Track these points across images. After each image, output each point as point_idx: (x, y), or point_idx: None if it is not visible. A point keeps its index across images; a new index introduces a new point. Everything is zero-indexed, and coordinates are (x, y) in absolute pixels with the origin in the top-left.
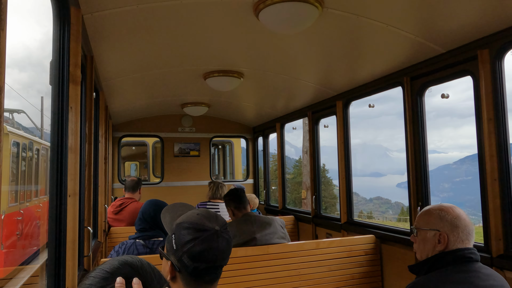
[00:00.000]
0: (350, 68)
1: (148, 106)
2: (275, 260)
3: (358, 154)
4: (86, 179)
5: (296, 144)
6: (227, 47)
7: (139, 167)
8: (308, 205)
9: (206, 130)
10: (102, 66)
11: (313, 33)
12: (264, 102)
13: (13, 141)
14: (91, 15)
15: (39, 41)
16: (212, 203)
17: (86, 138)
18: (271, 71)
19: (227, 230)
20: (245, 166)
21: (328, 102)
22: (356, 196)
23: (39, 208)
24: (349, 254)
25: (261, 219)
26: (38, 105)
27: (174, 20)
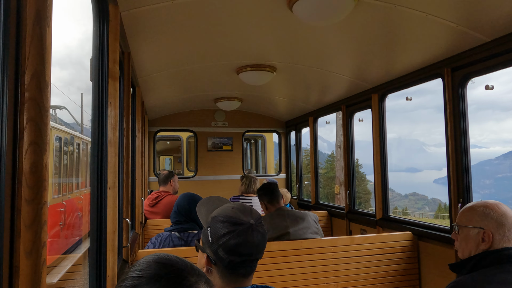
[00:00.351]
0: (386, 60)
1: (182, 101)
2: (309, 255)
3: (393, 149)
4: (124, 172)
5: (329, 138)
6: (260, 41)
7: (174, 161)
8: (342, 200)
9: (238, 124)
10: (138, 62)
11: (348, 25)
12: (297, 96)
13: (56, 136)
14: (128, 12)
15: (78, 40)
16: (245, 197)
17: (124, 132)
18: (304, 65)
19: (262, 224)
20: (277, 161)
21: (363, 96)
22: (391, 192)
23: (80, 200)
24: (384, 251)
25: (294, 213)
26: (78, 101)
27: (208, 15)
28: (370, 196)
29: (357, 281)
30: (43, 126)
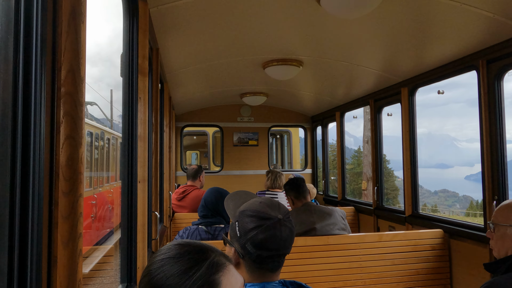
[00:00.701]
0: (416, 52)
1: (208, 96)
2: (336, 251)
3: (422, 144)
4: (153, 166)
5: (355, 133)
6: (286, 35)
7: (200, 156)
8: (369, 196)
9: (264, 119)
10: (166, 58)
11: (376, 16)
12: (324, 90)
13: (87, 131)
14: (157, 8)
15: (108, 37)
16: (271, 192)
17: (153, 127)
18: (332, 58)
19: (289, 219)
20: (303, 156)
21: (392, 89)
22: (420, 188)
23: (110, 193)
24: (414, 248)
25: (321, 209)
26: (108, 97)
27: (235, 9)
28: (398, 193)
29: (385, 278)
30: (78, 120)
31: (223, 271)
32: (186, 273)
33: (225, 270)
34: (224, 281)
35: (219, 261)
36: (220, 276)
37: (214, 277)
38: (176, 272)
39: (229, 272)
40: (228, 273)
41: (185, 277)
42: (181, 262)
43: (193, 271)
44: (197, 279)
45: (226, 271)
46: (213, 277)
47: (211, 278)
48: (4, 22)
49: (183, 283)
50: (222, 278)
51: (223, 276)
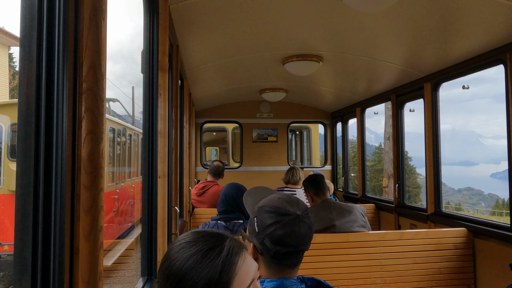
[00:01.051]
0: (440, 46)
1: (228, 92)
2: (355, 249)
3: (445, 141)
4: (173, 162)
5: (376, 130)
6: (306, 31)
7: (219, 152)
8: (390, 194)
9: (283, 115)
10: (186, 54)
11: (399, 9)
12: (344, 86)
13: (109, 127)
14: (177, 5)
15: (129, 35)
16: (289, 189)
17: (173, 123)
18: (352, 53)
19: (308, 215)
20: (322, 152)
21: (414, 85)
22: (443, 186)
23: (132, 188)
24: (436, 247)
25: (341, 206)
26: (130, 94)
27: (254, 5)
28: (420, 190)
29: (406, 277)
30: (99, 115)
31: (240, 254)
32: (205, 256)
33: (242, 253)
34: (241, 263)
35: (236, 245)
36: (238, 258)
37: (233, 258)
38: (194, 254)
39: (245, 256)
40: (245, 258)
41: (204, 259)
42: (199, 245)
43: (211, 253)
44: (217, 261)
45: (243, 254)
46: (232, 258)
47: (231, 259)
48: (28, 19)
49: (202, 264)
50: (239, 260)
51: (241, 258)
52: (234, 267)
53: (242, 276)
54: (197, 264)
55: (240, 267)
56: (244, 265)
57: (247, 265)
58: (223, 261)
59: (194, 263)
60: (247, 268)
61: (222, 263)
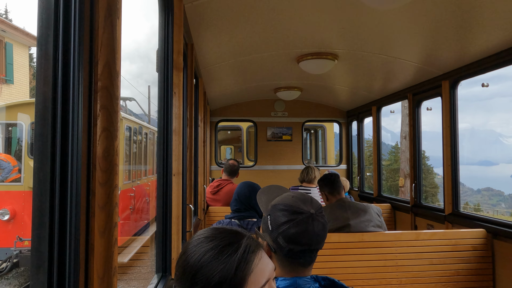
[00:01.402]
0: (459, 43)
1: (242, 91)
2: (370, 249)
3: (464, 140)
4: (188, 160)
5: (393, 129)
6: (321, 29)
7: (234, 150)
8: (406, 193)
9: (298, 114)
10: (201, 53)
11: (416, 6)
12: (359, 84)
13: (126, 125)
14: (192, 4)
15: (145, 34)
16: (304, 188)
17: (187, 121)
18: (368, 51)
19: (322, 214)
20: (337, 151)
21: (431, 83)
22: (461, 186)
23: (148, 186)
24: (454, 248)
25: (356, 205)
26: (146, 93)
27: (269, 3)
28: (438, 190)
29: (422, 278)
30: (114, 113)
31: (257, 252)
32: (222, 252)
33: (259, 252)
34: (257, 261)
35: (253, 243)
36: (255, 257)
37: (249, 256)
38: (211, 249)
39: (261, 255)
40: (261, 257)
41: (220, 255)
42: (217, 241)
43: (228, 249)
44: (233, 257)
45: (259, 253)
46: (249, 256)
47: (247, 257)
48: (45, 18)
49: (218, 260)
50: (256, 258)
51: (257, 257)
52: (249, 264)
53: (258, 275)
54: (213, 259)
55: (256, 265)
56: (260, 263)
57: (263, 264)
58: (239, 258)
59: (210, 258)
60: (263, 267)
61: (238, 260)
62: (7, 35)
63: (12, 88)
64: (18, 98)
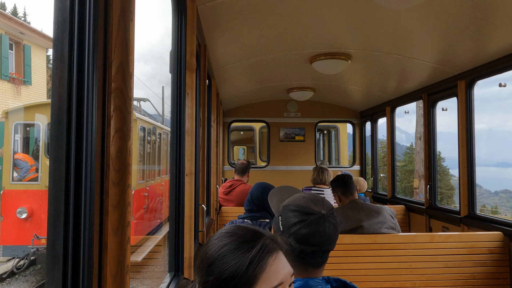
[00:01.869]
0: (475, 42)
1: (255, 92)
2: (384, 251)
3: (481, 141)
4: (200, 160)
5: (408, 129)
6: (334, 29)
7: (247, 151)
8: (420, 195)
9: (311, 115)
10: (214, 54)
11: (430, 5)
12: (373, 84)
13: (140, 126)
14: (204, 5)
15: (160, 36)
16: (317, 188)
17: (200, 122)
18: (382, 51)
19: (334, 214)
20: (351, 152)
21: (447, 83)
22: (478, 188)
23: (161, 186)
24: (469, 251)
25: (369, 207)
26: (160, 94)
27: (281, 4)
28: (454, 192)
29: (437, 281)
30: (127, 114)
31: (272, 254)
32: (238, 247)
33: (275, 253)
34: (272, 262)
35: (271, 244)
36: (270, 257)
37: (264, 255)
38: (229, 244)
39: (278, 257)
40: (277, 258)
41: (236, 250)
42: (236, 237)
43: (245, 246)
44: (248, 254)
45: (276, 254)
46: (263, 255)
47: (262, 256)
48: (60, 21)
49: (233, 255)
50: (270, 259)
51: (272, 258)
52: (263, 263)
53: (270, 275)
54: (229, 253)
55: (270, 266)
56: (275, 264)
57: (278, 266)
58: (254, 255)
59: (226, 252)
60: (277, 268)
61: (252, 257)
62: (25, 37)
63: (30, 89)
64: (36, 99)
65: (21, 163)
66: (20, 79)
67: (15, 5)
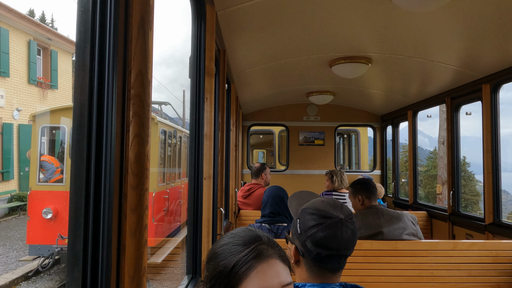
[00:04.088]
0: (500, 45)
1: (274, 95)
2: (404, 257)
3: (509, 146)
4: (219, 164)
5: (431, 133)
6: (354, 32)
7: (266, 154)
8: (444, 201)
9: (331, 119)
10: (233, 58)
11: (454, 7)
12: (394, 88)
13: (161, 129)
14: (224, 11)
15: (181, 39)
16: (338, 193)
17: (219, 126)
18: (403, 55)
19: (352, 220)
20: (371, 157)
21: (471, 86)
22: (506, 194)
23: (181, 188)
24: (494, 260)
25: (389, 212)
26: (181, 97)
27: (301, 8)
28: (480, 199)
29: None
30: (145, 120)
31: (264, 260)
32: (231, 248)
33: (266, 260)
34: (260, 268)
35: (263, 251)
36: (258, 263)
37: (251, 261)
38: (227, 244)
39: (270, 264)
40: (268, 265)
41: (228, 251)
42: (235, 238)
43: (237, 248)
44: (236, 256)
45: (266, 261)
46: (250, 261)
47: (247, 260)
48: (82, 32)
49: (225, 255)
50: (259, 265)
51: (261, 264)
52: (247, 268)
53: (255, 282)
54: (223, 252)
55: (256, 271)
56: (262, 271)
57: (266, 274)
58: (239, 259)
59: (222, 251)
60: (264, 276)
61: (238, 260)
62: (52, 43)
63: (56, 93)
64: (62, 103)
65: (47, 164)
66: (47, 83)
67: (43, 11)
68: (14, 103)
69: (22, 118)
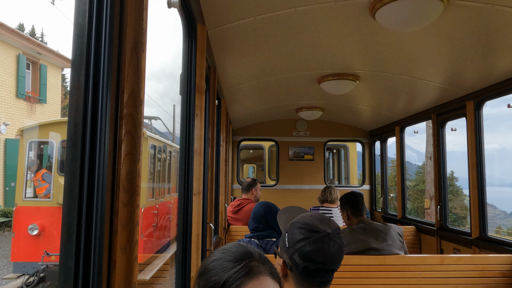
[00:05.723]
0: (483, 63)
1: (264, 111)
2: (393, 272)
3: (494, 161)
4: (209, 179)
5: (419, 148)
6: (342, 50)
7: (256, 169)
8: (432, 216)
9: (320, 134)
10: (224, 75)
11: (437, 28)
12: (382, 104)
13: (151, 144)
14: (214, 29)
15: (172, 54)
16: (325, 208)
17: (209, 142)
18: (390, 72)
19: (339, 234)
20: (360, 171)
21: (455, 103)
22: (493, 209)
23: (170, 204)
24: (481, 274)
25: (377, 227)
26: (171, 112)
27: (290, 27)
28: (468, 213)
29: None
30: (137, 138)
31: (254, 277)
32: (221, 264)
33: (257, 277)
34: (250, 286)
35: (254, 267)
36: (249, 280)
37: (242, 278)
38: (218, 260)
39: (260, 282)
40: (258, 282)
41: (218, 267)
42: (226, 254)
43: (228, 264)
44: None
45: (256, 278)
46: (241, 277)
47: (239, 277)
48: (78, 54)
49: (216, 271)
50: (250, 282)
51: (252, 281)
52: (238, 285)
53: None
54: (214, 268)
55: None
56: None
57: None
58: (231, 275)
59: (213, 266)
60: None
61: (229, 277)
62: (42, 57)
63: (45, 107)
64: (51, 117)
65: (48, 176)
66: (36, 98)
67: (33, 26)
68: (2, 117)
69: (10, 133)
